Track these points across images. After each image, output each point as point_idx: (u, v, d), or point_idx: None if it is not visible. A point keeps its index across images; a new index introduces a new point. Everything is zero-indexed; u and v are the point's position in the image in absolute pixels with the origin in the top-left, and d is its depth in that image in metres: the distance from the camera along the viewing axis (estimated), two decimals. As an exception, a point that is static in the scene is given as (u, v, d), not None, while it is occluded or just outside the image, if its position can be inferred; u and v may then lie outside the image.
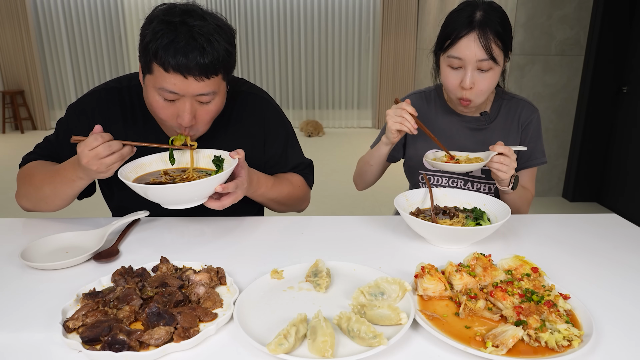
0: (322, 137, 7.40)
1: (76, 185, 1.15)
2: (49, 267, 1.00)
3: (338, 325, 0.79)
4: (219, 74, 1.11)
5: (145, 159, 1.17)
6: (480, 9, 1.28)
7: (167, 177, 1.14)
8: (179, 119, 1.13)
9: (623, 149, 4.06)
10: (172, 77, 1.06)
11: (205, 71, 1.07)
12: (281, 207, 1.41)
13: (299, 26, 7.59)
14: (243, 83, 1.42)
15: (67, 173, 1.14)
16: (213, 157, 1.17)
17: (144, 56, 1.10)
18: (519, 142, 1.49)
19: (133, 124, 1.28)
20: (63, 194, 1.19)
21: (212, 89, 1.12)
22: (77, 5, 7.33)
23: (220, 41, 1.08)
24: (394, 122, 1.29)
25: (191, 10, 1.08)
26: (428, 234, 1.14)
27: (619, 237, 1.22)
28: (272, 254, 1.11)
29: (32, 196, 1.23)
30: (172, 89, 1.08)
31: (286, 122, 1.46)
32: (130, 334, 0.74)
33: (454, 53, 1.30)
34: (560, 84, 4.25)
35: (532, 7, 4.02)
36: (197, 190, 1.04)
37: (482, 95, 1.34)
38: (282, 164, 1.44)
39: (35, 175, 1.22)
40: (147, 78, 1.12)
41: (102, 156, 1.03)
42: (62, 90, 7.72)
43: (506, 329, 0.76)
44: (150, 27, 1.06)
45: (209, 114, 1.17)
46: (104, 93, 1.29)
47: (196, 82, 1.07)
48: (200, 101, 1.13)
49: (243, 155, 1.12)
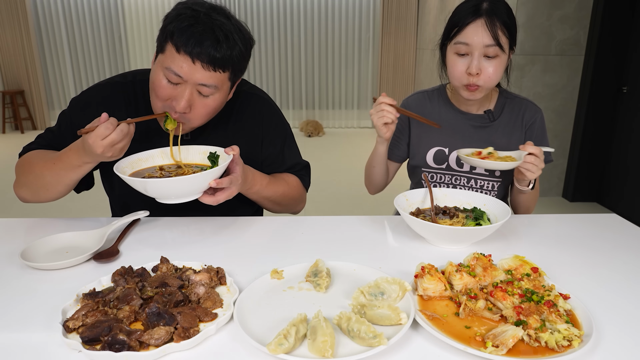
0: (322, 137, 7.40)
1: (82, 170, 1.16)
2: (49, 267, 1.00)
3: (338, 325, 0.79)
4: (227, 71, 1.13)
5: (141, 154, 1.17)
6: (487, 0, 1.30)
7: (162, 173, 1.14)
8: (174, 102, 1.14)
9: (623, 149, 4.06)
10: (181, 59, 1.08)
11: (214, 63, 1.09)
12: (276, 206, 1.41)
13: (299, 26, 7.59)
14: (244, 83, 1.43)
15: (71, 160, 1.13)
16: (208, 153, 1.18)
17: (161, 35, 1.13)
18: (523, 141, 1.49)
19: (135, 116, 1.28)
20: (66, 179, 1.18)
21: (215, 83, 1.13)
22: (77, 5, 7.33)
23: (237, 41, 1.11)
24: (377, 118, 1.31)
25: (218, 8, 1.13)
26: (428, 234, 1.14)
27: (619, 237, 1.22)
28: (272, 254, 1.11)
29: (33, 184, 1.22)
30: (178, 72, 1.10)
31: (285, 123, 1.47)
32: (130, 334, 0.74)
33: (461, 39, 1.31)
34: (560, 84, 4.25)
35: (532, 7, 4.02)
36: (192, 185, 1.05)
37: (489, 82, 1.34)
38: (279, 164, 1.45)
39: (35, 163, 1.21)
40: (159, 57, 1.14)
41: (116, 142, 1.05)
42: (62, 90, 7.72)
43: (506, 329, 0.76)
44: (175, 11, 1.10)
45: (205, 108, 1.17)
46: (108, 87, 1.30)
47: (202, 70, 1.09)
48: (201, 92, 1.14)
49: (238, 152, 1.13)
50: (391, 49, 7.51)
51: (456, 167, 1.50)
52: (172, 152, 1.20)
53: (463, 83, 1.35)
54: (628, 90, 3.98)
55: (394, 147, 1.60)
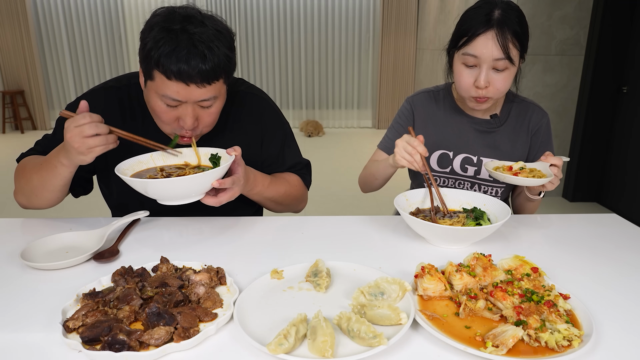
0: (322, 137, 7.40)
1: (58, 172, 1.13)
2: (49, 267, 1.00)
3: (338, 325, 0.79)
4: (220, 79, 1.13)
5: (142, 157, 1.17)
6: (499, 8, 1.25)
7: (163, 174, 1.14)
8: (182, 122, 1.15)
9: (623, 149, 4.05)
10: (174, 84, 1.08)
11: (207, 77, 1.08)
12: (278, 206, 1.41)
13: (299, 26, 7.59)
14: (242, 83, 1.43)
15: (52, 159, 1.13)
16: (210, 155, 1.18)
17: (145, 63, 1.10)
18: (528, 146, 1.48)
19: (132, 120, 1.29)
20: (49, 184, 1.17)
21: (214, 94, 1.13)
22: (77, 5, 7.33)
23: (220, 47, 1.09)
24: (402, 157, 1.23)
25: (191, 16, 1.09)
26: (428, 234, 1.14)
27: (619, 237, 1.22)
28: (272, 253, 1.11)
29: (25, 189, 1.22)
30: (175, 97, 1.09)
31: (284, 122, 1.47)
32: (130, 334, 0.73)
33: (469, 51, 1.27)
34: (560, 84, 4.25)
35: (532, 7, 4.02)
36: (194, 185, 1.05)
37: (497, 94, 1.31)
38: (279, 163, 1.45)
39: (28, 169, 1.22)
40: (149, 84, 1.13)
41: (86, 135, 1.03)
42: (62, 90, 7.72)
43: (506, 329, 0.76)
44: (151, 34, 1.07)
45: (210, 117, 1.18)
46: (102, 92, 1.30)
47: (198, 89, 1.09)
48: (202, 106, 1.14)
49: (240, 152, 1.13)
50: (391, 49, 7.52)
51: (460, 172, 1.48)
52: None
53: (471, 95, 1.33)
54: (628, 90, 3.98)
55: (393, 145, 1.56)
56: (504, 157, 1.46)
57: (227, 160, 1.11)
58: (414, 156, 1.22)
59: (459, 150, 1.47)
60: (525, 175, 1.26)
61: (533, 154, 1.49)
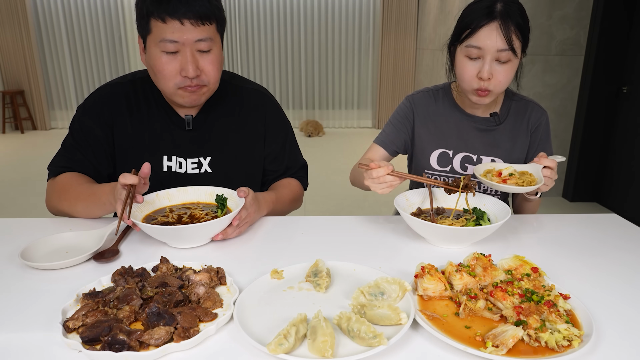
0: (322, 137, 7.40)
1: (106, 209, 1.21)
2: (49, 267, 1.00)
3: (338, 325, 0.79)
4: (213, 23, 1.18)
5: (147, 197, 1.19)
6: (501, 1, 1.26)
7: (173, 215, 1.17)
8: (183, 71, 1.18)
9: (623, 149, 4.05)
10: (170, 25, 1.13)
11: (200, 16, 1.14)
12: (280, 213, 1.45)
13: (299, 26, 7.59)
14: (247, 81, 1.47)
15: (102, 196, 1.18)
16: (215, 196, 1.20)
17: (141, 19, 1.17)
18: (527, 144, 1.48)
19: (137, 112, 1.34)
20: (93, 214, 1.26)
21: (209, 35, 1.17)
22: (77, 5, 7.33)
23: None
24: (381, 189, 1.17)
25: None
26: (428, 234, 1.14)
27: (619, 237, 1.22)
28: (272, 254, 1.11)
29: (65, 210, 1.28)
30: (172, 37, 1.14)
31: (286, 121, 1.51)
32: (130, 334, 0.74)
33: (473, 42, 1.27)
34: (560, 84, 4.25)
35: (532, 7, 4.02)
36: (208, 231, 1.10)
37: (500, 87, 1.31)
38: (280, 161, 1.49)
39: (70, 191, 1.26)
40: (148, 40, 1.18)
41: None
42: (62, 90, 7.71)
43: (506, 329, 0.76)
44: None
45: (211, 64, 1.21)
46: (109, 88, 1.35)
47: (193, 28, 1.14)
48: (200, 49, 1.18)
49: (250, 194, 1.17)
50: (391, 49, 7.51)
51: (460, 170, 1.48)
52: None
53: (473, 87, 1.32)
54: (628, 90, 3.98)
55: (390, 140, 1.53)
56: (504, 155, 1.46)
57: (235, 200, 1.17)
58: (383, 180, 1.16)
59: (459, 149, 1.47)
60: (516, 180, 1.24)
61: (532, 151, 1.49)
